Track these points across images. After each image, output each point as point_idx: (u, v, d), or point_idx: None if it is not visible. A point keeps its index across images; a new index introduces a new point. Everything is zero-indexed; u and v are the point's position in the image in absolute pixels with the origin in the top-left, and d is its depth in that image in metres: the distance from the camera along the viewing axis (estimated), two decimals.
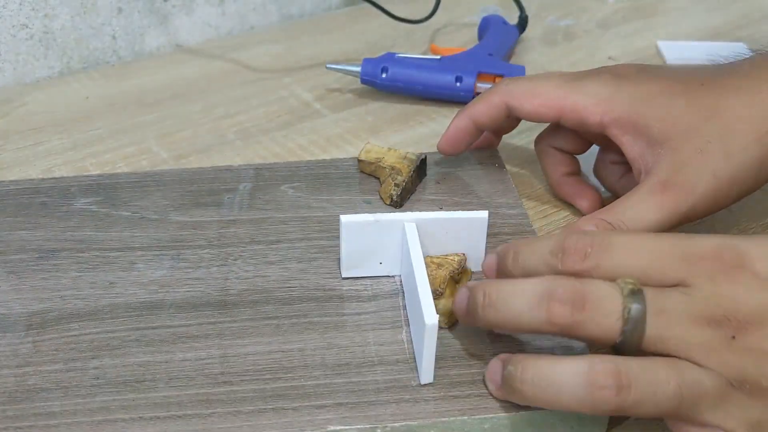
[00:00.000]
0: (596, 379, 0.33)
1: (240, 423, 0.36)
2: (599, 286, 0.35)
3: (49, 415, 0.37)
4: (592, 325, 0.34)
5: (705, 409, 0.33)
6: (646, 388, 0.33)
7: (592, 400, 0.33)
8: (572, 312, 0.34)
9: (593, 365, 0.33)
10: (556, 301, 0.34)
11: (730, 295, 0.34)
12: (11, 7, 0.63)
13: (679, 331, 0.34)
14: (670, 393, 0.33)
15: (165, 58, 0.69)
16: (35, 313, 0.42)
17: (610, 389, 0.33)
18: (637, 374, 0.33)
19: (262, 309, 0.42)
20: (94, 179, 0.51)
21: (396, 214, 0.43)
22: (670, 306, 0.34)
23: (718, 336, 0.33)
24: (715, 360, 0.33)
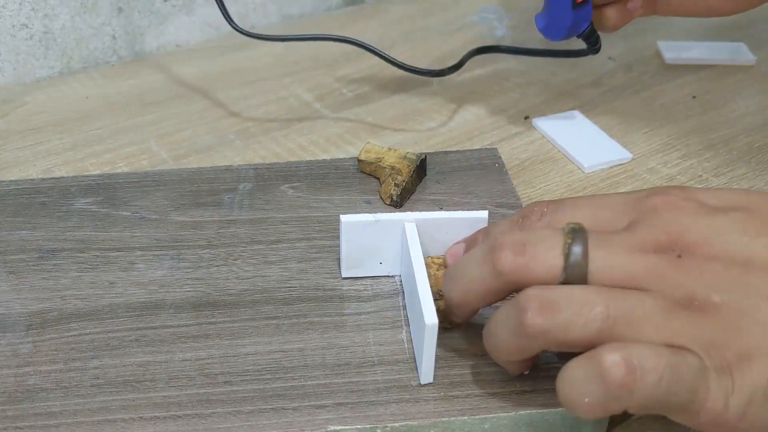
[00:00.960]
0: (521, 304, 0.33)
1: (240, 423, 0.36)
2: (541, 231, 0.35)
3: (49, 415, 0.37)
4: (534, 265, 0.34)
5: (648, 331, 0.32)
6: (574, 309, 0.32)
7: (518, 325, 0.33)
8: (514, 256, 0.34)
9: (522, 294, 0.33)
10: (498, 249, 0.35)
11: (675, 222, 0.33)
12: (11, 7, 0.63)
13: (623, 260, 0.33)
14: (598, 313, 0.32)
15: (165, 58, 0.69)
16: (35, 313, 0.42)
17: (533, 310, 0.32)
18: (562, 296, 0.33)
19: (262, 309, 0.42)
20: (94, 179, 0.51)
21: (396, 214, 0.43)
22: (614, 240, 0.34)
23: (663, 259, 0.33)
24: (660, 282, 0.32)
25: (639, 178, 0.54)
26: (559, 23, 0.51)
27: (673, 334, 0.32)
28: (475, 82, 0.65)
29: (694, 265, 0.33)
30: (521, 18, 0.74)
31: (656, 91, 0.63)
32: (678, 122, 0.60)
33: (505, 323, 0.34)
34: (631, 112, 0.61)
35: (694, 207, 0.34)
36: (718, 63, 0.66)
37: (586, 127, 0.58)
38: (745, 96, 0.63)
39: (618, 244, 0.34)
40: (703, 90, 0.63)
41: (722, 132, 0.59)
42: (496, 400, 0.37)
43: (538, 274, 0.34)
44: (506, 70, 0.66)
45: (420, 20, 0.74)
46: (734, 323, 0.31)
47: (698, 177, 0.54)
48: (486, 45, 0.60)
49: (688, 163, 0.55)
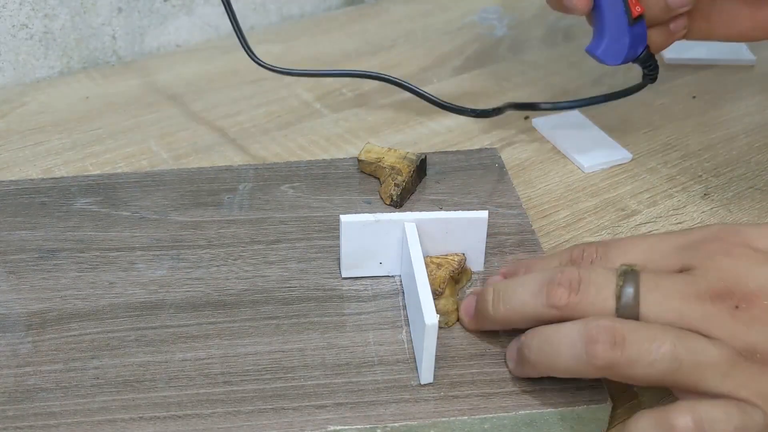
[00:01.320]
0: (592, 334, 0.33)
1: (240, 423, 0.36)
2: (596, 270, 0.36)
3: (49, 415, 0.37)
4: (587, 304, 0.35)
5: (712, 378, 0.32)
6: (641, 344, 0.32)
7: (587, 355, 0.33)
8: (569, 293, 0.35)
9: (590, 322, 0.34)
10: (554, 285, 0.35)
11: (733, 270, 0.33)
12: (11, 7, 0.63)
13: (677, 305, 0.33)
14: (666, 352, 0.32)
15: (165, 58, 0.69)
16: (35, 313, 0.42)
17: (604, 343, 0.33)
18: (632, 331, 0.33)
19: (262, 309, 0.42)
20: (94, 179, 0.51)
21: (396, 214, 0.43)
22: (668, 284, 0.34)
23: (720, 308, 0.33)
24: (719, 330, 0.32)
25: (639, 178, 0.54)
26: (617, 43, 0.49)
27: (737, 386, 0.32)
28: (475, 82, 0.65)
29: (753, 316, 0.33)
30: (521, 18, 0.74)
31: (656, 91, 0.63)
32: (678, 122, 0.60)
33: (570, 347, 0.34)
34: (631, 112, 0.61)
35: (750, 254, 0.34)
36: (718, 63, 0.66)
37: (586, 127, 0.58)
38: (745, 96, 0.63)
39: (672, 288, 0.34)
40: (703, 90, 0.63)
41: (722, 132, 0.59)
42: (496, 400, 0.37)
43: (590, 313, 0.35)
44: (506, 70, 0.66)
45: (420, 20, 0.74)
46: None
47: (698, 177, 0.54)
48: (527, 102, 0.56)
49: (688, 163, 0.55)
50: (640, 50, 0.50)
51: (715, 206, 0.51)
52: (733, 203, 0.52)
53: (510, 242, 0.47)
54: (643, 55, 0.50)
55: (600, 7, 0.48)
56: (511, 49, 0.69)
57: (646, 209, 0.51)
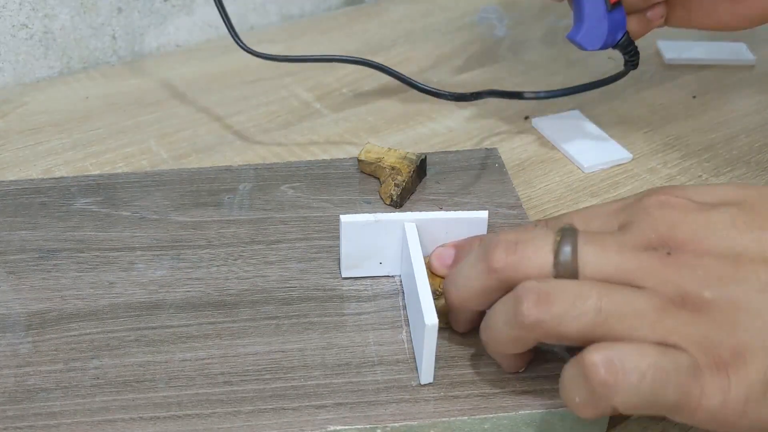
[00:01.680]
0: (518, 295, 0.33)
1: (240, 423, 0.37)
2: (534, 231, 0.36)
3: (49, 415, 0.37)
4: (526, 262, 0.35)
5: (640, 328, 0.32)
6: (566, 300, 0.33)
7: (515, 316, 0.33)
8: (506, 255, 0.35)
9: (519, 286, 0.34)
10: (492, 248, 0.36)
11: (666, 220, 0.34)
12: (11, 7, 0.63)
13: (612, 258, 0.33)
14: (591, 305, 0.32)
15: (165, 58, 0.69)
16: (35, 313, 0.42)
17: (529, 301, 0.33)
18: (558, 289, 0.33)
19: (262, 309, 0.42)
20: (94, 179, 0.51)
21: (396, 214, 0.43)
22: (604, 239, 0.34)
23: (653, 256, 0.33)
24: (650, 277, 0.33)
25: (639, 178, 0.54)
26: (596, 29, 0.49)
27: (666, 332, 0.32)
28: (474, 81, 0.65)
29: (684, 261, 0.33)
30: (521, 18, 0.74)
31: (656, 91, 0.63)
32: (678, 122, 0.60)
33: (502, 314, 0.35)
34: (631, 112, 0.61)
35: (684, 204, 0.34)
36: (718, 63, 0.66)
37: (586, 127, 0.58)
38: (745, 96, 0.63)
39: (608, 243, 0.34)
40: (703, 90, 0.63)
41: (722, 132, 0.59)
42: (496, 400, 0.37)
43: (529, 271, 0.35)
44: (506, 70, 0.66)
45: (420, 20, 0.74)
46: (727, 319, 0.31)
47: (698, 177, 0.54)
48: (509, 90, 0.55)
49: (688, 163, 0.55)
50: (619, 36, 0.50)
51: None
52: None
53: None
54: (623, 41, 0.50)
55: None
56: (511, 49, 0.69)
57: None
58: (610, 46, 0.50)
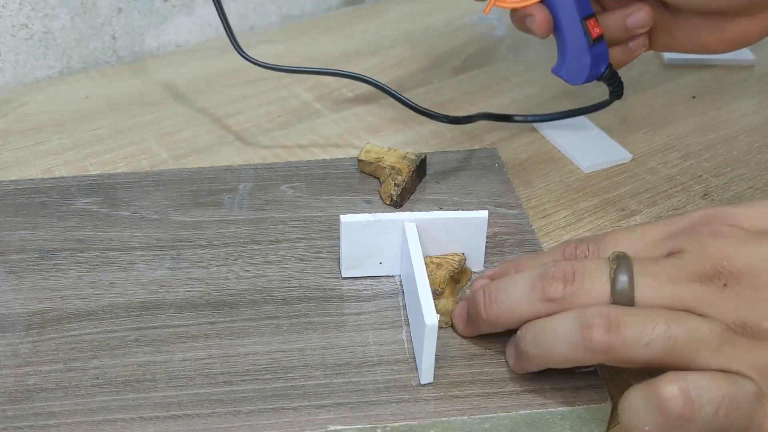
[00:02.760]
0: (587, 320, 0.34)
1: (240, 423, 0.37)
2: (589, 261, 0.36)
3: (49, 415, 0.37)
4: (583, 294, 0.35)
5: (704, 354, 0.33)
6: (636, 326, 0.33)
7: (583, 340, 0.34)
8: (564, 285, 0.36)
9: (585, 310, 0.34)
10: (549, 279, 0.36)
11: (720, 251, 0.34)
12: (11, 7, 0.63)
13: (669, 288, 0.34)
14: (661, 333, 0.33)
15: (165, 58, 0.69)
16: (35, 313, 0.42)
17: (599, 327, 0.33)
18: (626, 314, 0.34)
19: (262, 309, 0.42)
20: (94, 179, 0.51)
21: (396, 214, 0.43)
22: (659, 268, 0.35)
23: (710, 287, 0.34)
24: (710, 308, 0.33)
25: (639, 178, 0.54)
26: (579, 64, 0.50)
27: (729, 360, 0.33)
28: (474, 81, 0.65)
29: (741, 294, 0.33)
30: None
31: (656, 91, 0.63)
32: (678, 122, 0.60)
33: (566, 335, 0.35)
34: (631, 112, 0.61)
35: (738, 234, 0.35)
36: (718, 63, 0.66)
37: (586, 127, 0.58)
38: (745, 96, 0.63)
39: (663, 272, 0.35)
40: (703, 90, 0.63)
41: (722, 132, 0.59)
42: (496, 400, 0.37)
43: (588, 302, 0.35)
44: (506, 70, 0.66)
45: (420, 20, 0.74)
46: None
47: (698, 177, 0.54)
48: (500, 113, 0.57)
49: (688, 163, 0.55)
50: (603, 69, 0.51)
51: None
52: (733, 203, 0.52)
53: (510, 242, 0.47)
54: (607, 73, 0.51)
55: (560, 30, 0.49)
56: (511, 49, 0.69)
57: (646, 209, 0.51)
58: (594, 78, 0.51)
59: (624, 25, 0.50)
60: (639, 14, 0.49)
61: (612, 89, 0.53)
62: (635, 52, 0.51)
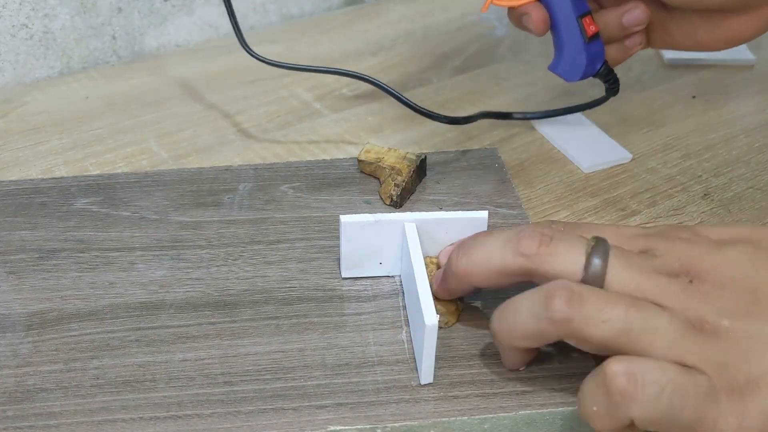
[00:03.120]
0: (550, 290, 0.34)
1: (240, 423, 0.37)
2: (567, 234, 0.37)
3: (49, 415, 0.37)
4: (556, 257, 0.36)
5: (661, 343, 0.33)
6: (596, 304, 0.34)
7: (544, 310, 0.34)
8: (539, 245, 0.36)
9: (551, 283, 0.35)
10: (525, 235, 0.37)
11: (689, 252, 0.35)
12: (11, 7, 0.63)
13: (638, 277, 0.35)
14: (619, 313, 0.33)
15: (165, 58, 0.69)
16: (35, 313, 0.42)
17: (561, 298, 0.34)
18: (590, 292, 0.34)
19: (262, 309, 0.42)
20: (94, 179, 0.51)
21: (396, 214, 0.43)
22: (632, 259, 0.36)
23: (675, 281, 0.34)
24: (673, 300, 0.34)
25: (639, 178, 0.54)
26: (575, 61, 0.50)
27: (685, 353, 0.33)
28: (475, 81, 0.65)
29: (705, 290, 0.34)
30: None
31: (656, 91, 0.63)
32: (678, 122, 0.60)
33: (529, 306, 0.35)
34: (631, 112, 0.61)
35: (705, 242, 0.36)
36: (718, 63, 0.66)
37: (586, 127, 0.58)
38: (745, 96, 0.63)
39: (635, 262, 0.36)
40: (703, 90, 0.63)
41: (722, 132, 0.59)
42: (496, 400, 0.37)
43: (558, 269, 0.36)
44: (506, 70, 0.66)
45: (420, 20, 0.74)
46: (744, 348, 0.33)
47: (698, 177, 0.54)
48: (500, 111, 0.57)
49: (688, 163, 0.55)
50: (599, 66, 0.51)
51: (715, 206, 0.51)
52: (733, 203, 0.52)
53: None
54: (602, 70, 0.51)
55: (557, 28, 0.50)
56: (511, 49, 0.69)
57: (646, 209, 0.51)
58: (590, 75, 0.52)
59: (620, 23, 0.50)
60: (635, 12, 0.49)
61: (608, 86, 0.53)
62: (631, 49, 0.52)
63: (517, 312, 0.36)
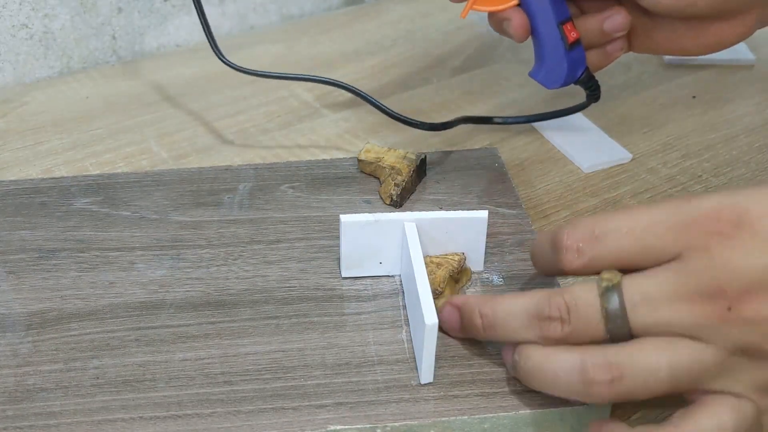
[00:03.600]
0: (588, 375, 0.34)
1: (240, 423, 0.36)
2: (579, 293, 0.35)
3: (49, 415, 0.37)
4: (580, 332, 0.35)
5: (708, 380, 0.33)
6: (638, 376, 0.33)
7: (587, 393, 0.34)
8: (562, 326, 0.35)
9: (585, 361, 0.34)
10: (545, 319, 0.35)
11: (726, 264, 0.33)
12: (11, 7, 0.63)
13: (666, 314, 0.33)
14: (663, 377, 0.33)
15: (165, 58, 0.69)
16: (35, 313, 0.42)
17: (601, 384, 0.33)
18: (627, 363, 0.33)
19: (262, 309, 0.42)
20: (94, 179, 0.51)
21: (396, 214, 0.43)
22: (654, 290, 0.34)
23: (712, 310, 0.33)
24: (711, 335, 0.33)
25: (639, 178, 0.54)
26: (556, 68, 0.50)
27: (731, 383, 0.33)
28: (475, 81, 0.65)
29: (744, 315, 0.32)
30: None
31: (656, 91, 0.63)
32: (678, 122, 0.60)
33: (566, 381, 0.35)
34: (631, 112, 0.61)
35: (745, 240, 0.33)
36: (718, 63, 0.66)
37: (586, 127, 0.58)
38: (745, 96, 0.63)
39: (659, 292, 0.34)
40: (703, 90, 0.63)
41: (722, 132, 0.59)
42: (496, 400, 0.37)
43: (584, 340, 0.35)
44: (506, 70, 0.66)
45: (420, 20, 0.74)
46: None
47: (698, 177, 0.54)
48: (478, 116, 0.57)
49: (688, 163, 0.55)
50: (580, 73, 0.51)
51: None
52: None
53: (510, 242, 0.47)
54: (583, 76, 0.51)
55: (537, 34, 0.50)
56: (511, 49, 0.69)
57: None
58: (571, 82, 0.51)
59: (601, 29, 0.50)
60: (616, 18, 0.49)
61: (589, 93, 0.53)
62: (612, 55, 0.51)
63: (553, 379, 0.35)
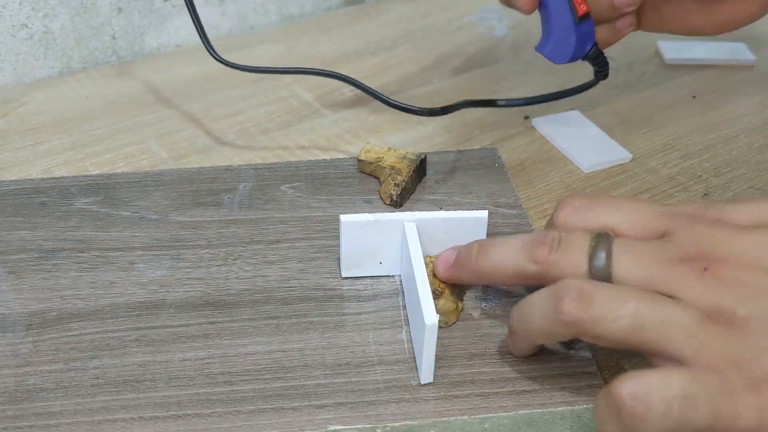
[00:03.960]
0: (559, 292, 0.34)
1: (240, 423, 0.37)
2: (575, 232, 0.37)
3: (49, 415, 0.37)
4: (564, 261, 0.36)
5: (675, 338, 0.32)
6: (606, 302, 0.33)
7: (554, 311, 0.34)
8: (549, 251, 0.36)
9: (560, 282, 0.35)
10: (538, 242, 0.37)
11: (707, 237, 0.34)
12: (11, 7, 0.63)
13: (647, 267, 0.34)
14: (629, 310, 0.33)
15: (165, 58, 0.69)
16: (35, 313, 0.42)
17: (570, 299, 0.34)
18: (598, 290, 0.34)
19: (262, 309, 0.42)
20: (94, 179, 0.51)
21: (396, 214, 0.43)
22: (641, 248, 0.35)
23: (689, 269, 0.34)
24: (686, 289, 0.33)
25: (639, 178, 0.54)
26: (564, 42, 0.49)
27: (699, 347, 0.32)
28: (475, 81, 0.65)
29: (720, 276, 0.33)
30: (521, 18, 0.74)
31: (656, 91, 0.63)
32: (678, 122, 0.60)
33: (541, 307, 0.35)
34: (631, 112, 0.61)
35: (725, 226, 0.35)
36: (718, 63, 0.66)
37: (586, 127, 0.58)
38: (745, 96, 0.63)
39: (644, 252, 0.35)
40: (703, 90, 0.63)
41: (722, 132, 0.59)
42: (496, 400, 0.37)
43: (566, 270, 0.36)
44: (506, 70, 0.66)
45: (420, 20, 0.74)
46: (760, 337, 0.32)
47: (698, 177, 0.54)
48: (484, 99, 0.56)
49: (688, 163, 0.55)
50: (588, 48, 0.50)
51: None
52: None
53: None
54: (592, 52, 0.50)
55: (546, 6, 0.49)
56: (511, 49, 0.69)
57: None
58: (579, 57, 0.50)
59: (611, 3, 0.49)
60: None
61: (597, 69, 0.52)
62: (622, 31, 0.51)
63: (531, 312, 0.36)
